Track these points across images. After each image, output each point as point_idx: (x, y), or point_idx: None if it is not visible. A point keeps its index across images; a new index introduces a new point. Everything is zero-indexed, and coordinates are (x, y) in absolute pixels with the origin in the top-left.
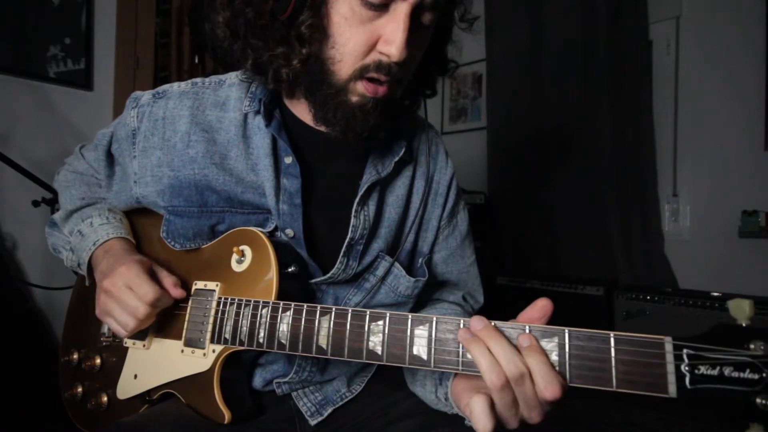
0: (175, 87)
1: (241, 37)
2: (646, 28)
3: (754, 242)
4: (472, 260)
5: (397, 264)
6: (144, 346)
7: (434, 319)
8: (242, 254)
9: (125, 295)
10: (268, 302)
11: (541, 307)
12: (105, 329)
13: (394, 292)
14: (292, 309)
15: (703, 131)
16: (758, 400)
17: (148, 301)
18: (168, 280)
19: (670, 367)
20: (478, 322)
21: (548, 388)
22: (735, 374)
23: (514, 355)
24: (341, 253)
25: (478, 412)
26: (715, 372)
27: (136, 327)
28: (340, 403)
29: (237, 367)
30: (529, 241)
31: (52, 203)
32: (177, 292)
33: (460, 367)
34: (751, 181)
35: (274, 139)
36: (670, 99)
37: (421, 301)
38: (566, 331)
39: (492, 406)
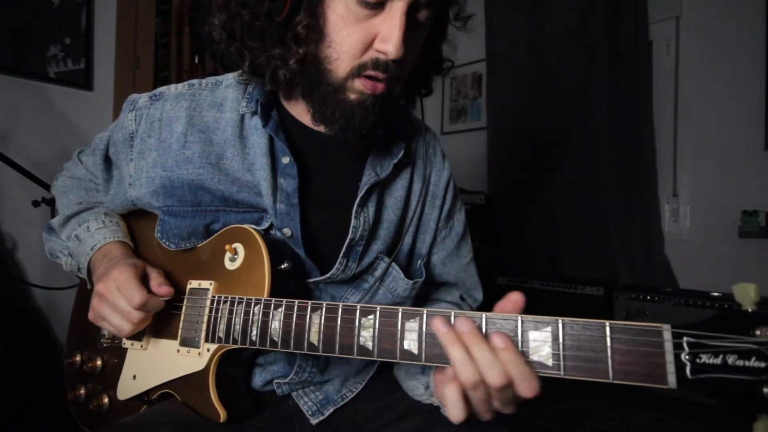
0: (172, 89)
1: (238, 39)
2: (646, 28)
3: (754, 242)
4: (469, 259)
5: (395, 265)
6: (142, 346)
7: (424, 312)
8: (235, 252)
9: (117, 299)
10: (260, 299)
11: (513, 301)
12: (105, 331)
13: (392, 294)
14: (283, 306)
15: (703, 131)
16: (765, 390)
17: (135, 305)
18: (155, 281)
19: (669, 356)
20: (464, 325)
21: (530, 388)
22: (740, 362)
23: (498, 363)
24: (341, 254)
25: (450, 401)
26: (718, 361)
27: (132, 330)
28: (341, 403)
29: (234, 365)
30: (529, 241)
31: (52, 203)
32: (163, 291)
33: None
34: (751, 181)
35: (271, 140)
36: (670, 99)
37: (419, 302)
38: (560, 320)
39: (465, 394)
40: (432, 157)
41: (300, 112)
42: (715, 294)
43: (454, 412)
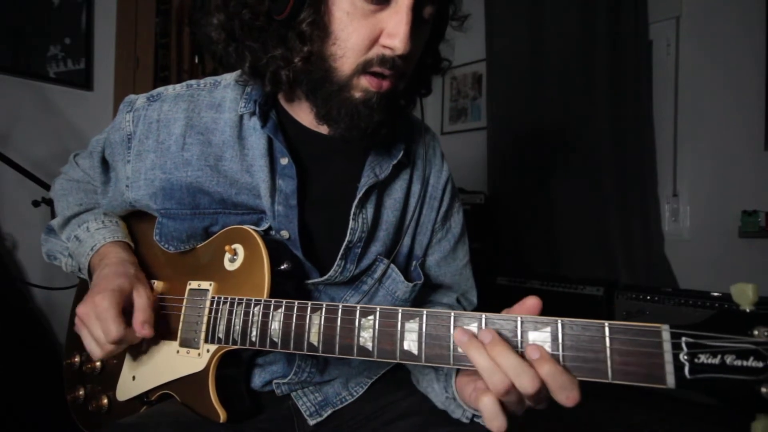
0: (170, 89)
1: (237, 39)
2: (646, 28)
3: (754, 242)
4: (465, 262)
5: (394, 267)
6: (141, 347)
7: (424, 312)
8: (234, 253)
9: (94, 327)
10: (260, 300)
11: (530, 306)
12: None
13: (391, 296)
14: (283, 306)
15: (703, 131)
16: (763, 390)
17: (110, 339)
18: (139, 316)
19: (668, 357)
20: (486, 335)
21: (570, 397)
22: (738, 362)
23: (527, 369)
24: (339, 256)
25: (489, 414)
26: (717, 360)
27: (103, 357)
28: (340, 406)
29: (234, 366)
30: (529, 241)
31: (53, 203)
32: (144, 332)
33: (452, 362)
34: (751, 181)
35: (269, 141)
36: (670, 99)
37: (416, 304)
38: (559, 321)
39: (502, 404)
40: (432, 158)
41: (300, 112)
42: (715, 294)
43: (495, 423)
